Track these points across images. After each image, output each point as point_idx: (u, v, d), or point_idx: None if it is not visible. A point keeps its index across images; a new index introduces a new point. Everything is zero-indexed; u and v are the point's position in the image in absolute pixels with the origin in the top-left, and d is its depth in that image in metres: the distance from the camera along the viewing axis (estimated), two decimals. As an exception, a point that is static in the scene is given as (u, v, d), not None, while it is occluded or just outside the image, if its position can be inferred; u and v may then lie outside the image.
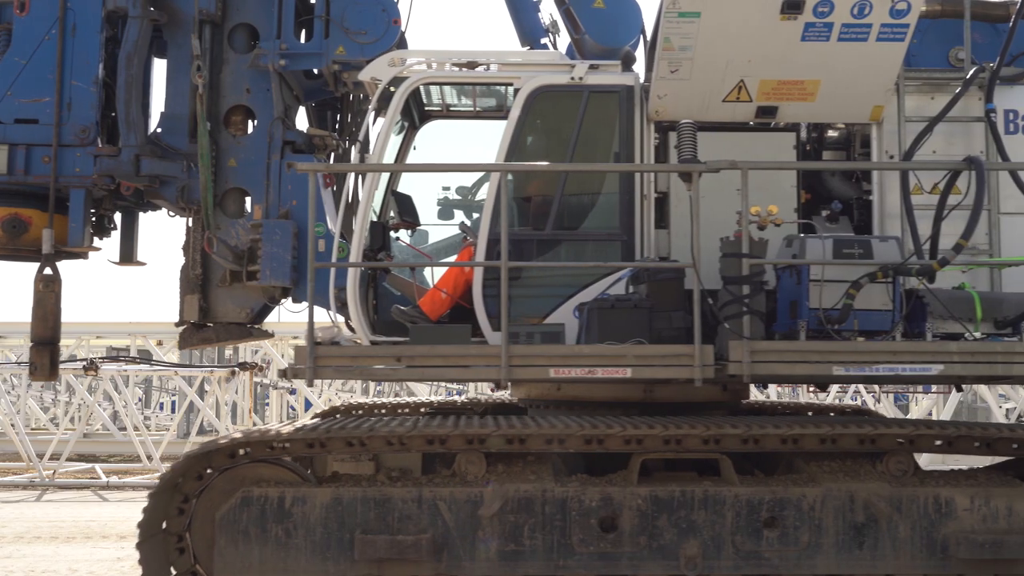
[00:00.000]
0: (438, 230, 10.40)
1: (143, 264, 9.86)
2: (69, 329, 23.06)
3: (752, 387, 20.95)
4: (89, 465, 20.83)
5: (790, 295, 7.59)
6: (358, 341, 8.28)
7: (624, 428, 7.34)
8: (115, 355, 23.61)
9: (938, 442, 7.55)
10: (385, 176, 9.40)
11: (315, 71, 9.51)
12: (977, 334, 7.50)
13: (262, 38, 9.25)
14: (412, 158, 10.02)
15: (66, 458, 19.89)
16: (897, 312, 7.44)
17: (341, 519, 7.27)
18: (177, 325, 9.32)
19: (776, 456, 7.94)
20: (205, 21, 9.15)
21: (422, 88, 9.24)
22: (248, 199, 9.30)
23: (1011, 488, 7.41)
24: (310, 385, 8.92)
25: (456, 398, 12.31)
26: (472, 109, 10.13)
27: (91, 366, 18.76)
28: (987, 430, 7.67)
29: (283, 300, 9.23)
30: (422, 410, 10.72)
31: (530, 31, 9.64)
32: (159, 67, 9.52)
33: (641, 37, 9.18)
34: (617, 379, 7.42)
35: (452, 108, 10.14)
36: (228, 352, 25.80)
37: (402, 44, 9.35)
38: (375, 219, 8.99)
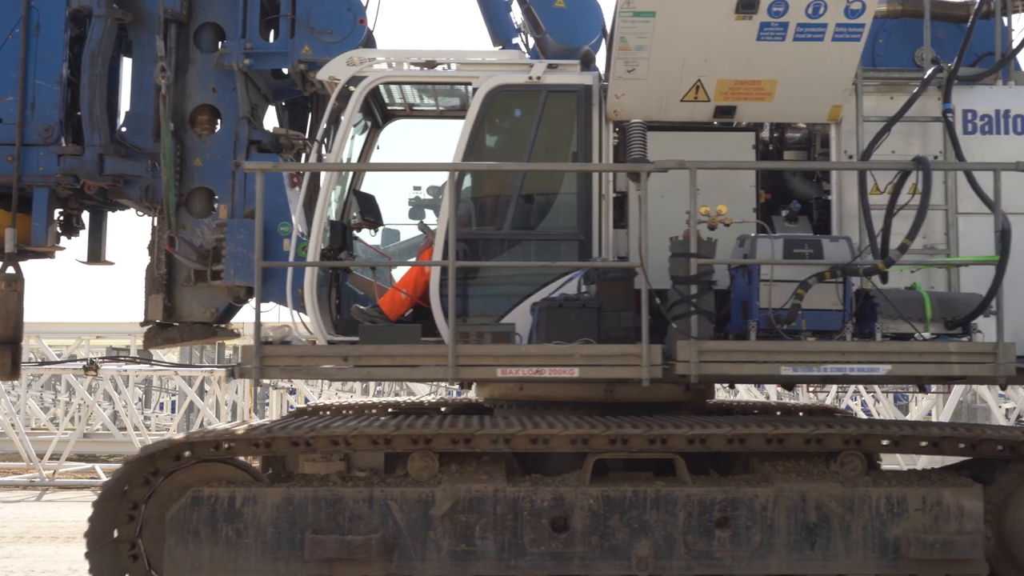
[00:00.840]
0: (409, 230, 10.38)
1: (111, 263, 9.90)
2: (69, 329, 23.25)
3: (752, 387, 20.97)
4: (89, 465, 20.95)
5: (742, 295, 7.56)
6: (315, 341, 8.28)
7: (524, 427, 7.38)
8: (115, 355, 23.71)
9: (847, 442, 7.54)
10: (348, 176, 9.39)
11: (283, 71, 9.54)
12: (927, 334, 7.45)
13: (228, 37, 9.28)
14: (376, 157, 9.98)
15: (66, 458, 19.97)
16: (847, 312, 7.41)
17: (292, 519, 7.28)
18: (142, 325, 9.35)
19: (732, 456, 7.93)
20: (171, 20, 9.17)
21: (383, 88, 9.18)
22: (216, 198, 9.30)
23: (962, 488, 7.40)
24: (258, 385, 8.94)
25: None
26: (435, 108, 10.09)
27: (91, 366, 18.80)
28: (888, 428, 7.71)
29: (249, 299, 9.23)
30: (369, 411, 10.65)
31: (501, 31, 9.63)
32: (128, 66, 9.51)
33: (603, 37, 9.15)
34: (564, 379, 7.41)
35: (415, 107, 10.09)
36: (228, 352, 25.86)
37: (369, 43, 9.37)
38: (337, 219, 8.98)
